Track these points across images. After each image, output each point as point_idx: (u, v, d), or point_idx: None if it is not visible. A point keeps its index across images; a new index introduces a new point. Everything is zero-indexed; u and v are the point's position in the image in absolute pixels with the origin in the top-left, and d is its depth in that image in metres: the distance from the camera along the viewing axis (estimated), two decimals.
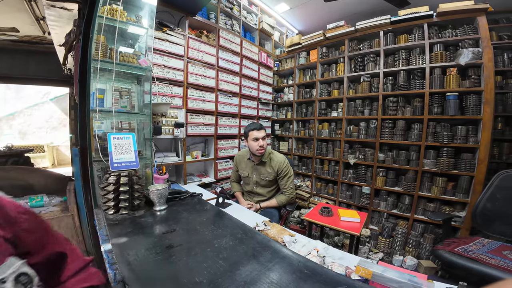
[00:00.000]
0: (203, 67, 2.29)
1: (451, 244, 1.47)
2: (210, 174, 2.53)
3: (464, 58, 2.06)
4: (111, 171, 1.13)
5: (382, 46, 2.56)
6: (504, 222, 1.56)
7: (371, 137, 2.62)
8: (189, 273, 0.72)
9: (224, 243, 0.91)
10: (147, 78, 1.50)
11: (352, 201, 2.75)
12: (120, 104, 1.47)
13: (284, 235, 1.06)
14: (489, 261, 1.25)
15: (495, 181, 1.65)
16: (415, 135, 2.33)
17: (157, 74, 1.87)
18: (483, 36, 2.03)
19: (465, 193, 2.09)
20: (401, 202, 2.43)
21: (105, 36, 1.32)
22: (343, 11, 3.05)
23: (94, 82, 1.23)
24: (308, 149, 3.25)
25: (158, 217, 1.16)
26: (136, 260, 0.78)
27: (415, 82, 2.35)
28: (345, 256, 0.95)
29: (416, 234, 2.28)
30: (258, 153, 1.78)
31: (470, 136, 2.10)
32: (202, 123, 2.28)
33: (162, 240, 0.93)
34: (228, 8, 2.61)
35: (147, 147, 1.49)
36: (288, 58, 3.54)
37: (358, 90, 2.76)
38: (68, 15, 2.02)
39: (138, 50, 1.51)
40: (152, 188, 1.19)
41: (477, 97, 2.06)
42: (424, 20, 2.31)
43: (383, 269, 0.69)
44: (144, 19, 1.48)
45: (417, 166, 2.31)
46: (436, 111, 2.22)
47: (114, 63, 1.27)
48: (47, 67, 3.90)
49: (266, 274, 0.73)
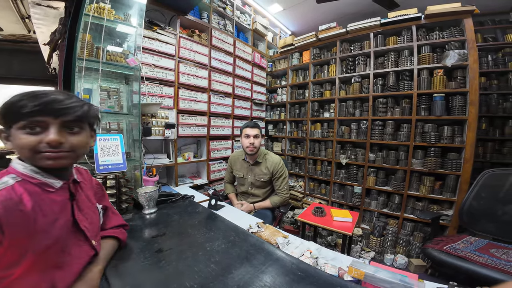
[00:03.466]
0: (195, 67, 2.25)
1: (440, 243, 1.50)
2: (202, 176, 2.49)
3: (450, 60, 2.13)
4: (97, 173, 1.09)
5: (372, 47, 2.60)
6: (490, 220, 1.61)
7: (362, 138, 2.66)
8: (180, 278, 0.70)
9: (216, 246, 0.89)
10: (136, 78, 1.46)
11: (344, 201, 2.78)
12: (107, 104, 1.43)
13: (278, 236, 1.05)
14: (477, 259, 1.27)
15: (480, 180, 1.69)
16: (404, 135, 2.38)
17: (147, 74, 1.82)
18: (468, 38, 2.10)
19: (452, 192, 2.15)
20: (391, 201, 2.48)
21: (92, 34, 1.28)
22: (335, 13, 3.08)
23: (79, 82, 1.19)
24: (301, 150, 3.27)
25: (147, 220, 1.13)
26: (124, 266, 0.75)
27: (404, 83, 2.40)
28: (338, 256, 0.95)
29: (406, 232, 2.33)
30: (248, 150, 1.77)
31: (456, 136, 2.16)
32: (194, 124, 2.25)
33: (151, 244, 0.90)
34: (221, 8, 2.59)
35: (136, 148, 1.45)
36: (281, 59, 3.55)
37: (349, 91, 2.80)
38: (54, 14, 1.96)
39: (126, 49, 1.47)
40: (141, 191, 1.16)
41: (462, 98, 2.12)
42: (413, 22, 2.37)
43: (375, 269, 0.69)
44: (133, 18, 1.45)
45: (406, 165, 2.36)
46: (424, 112, 2.28)
47: (100, 62, 1.23)
48: (31, 67, 3.76)
49: (259, 277, 0.72)
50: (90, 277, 0.64)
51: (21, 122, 0.53)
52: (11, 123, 0.55)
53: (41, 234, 0.54)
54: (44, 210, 0.56)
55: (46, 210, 0.56)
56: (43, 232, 0.54)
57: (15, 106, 0.52)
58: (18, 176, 0.56)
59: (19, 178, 0.55)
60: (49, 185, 0.60)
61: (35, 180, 0.57)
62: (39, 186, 0.58)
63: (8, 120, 0.55)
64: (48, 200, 0.58)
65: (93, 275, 0.65)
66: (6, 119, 0.55)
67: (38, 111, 0.53)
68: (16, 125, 0.54)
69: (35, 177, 0.58)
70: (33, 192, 0.55)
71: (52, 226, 0.57)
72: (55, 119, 0.56)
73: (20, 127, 0.53)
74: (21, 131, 0.54)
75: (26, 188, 0.54)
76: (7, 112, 0.54)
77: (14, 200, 0.50)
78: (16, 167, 0.58)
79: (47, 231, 0.55)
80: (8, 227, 0.48)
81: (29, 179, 0.56)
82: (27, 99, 0.52)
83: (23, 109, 0.52)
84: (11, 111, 0.53)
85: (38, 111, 0.53)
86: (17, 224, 0.50)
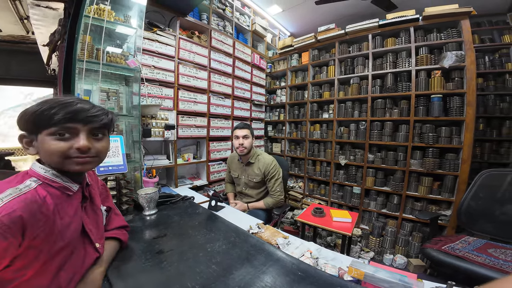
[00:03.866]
0: (195, 68, 2.26)
1: (439, 243, 1.51)
2: (202, 177, 2.49)
3: (448, 61, 2.15)
4: (97, 175, 1.09)
5: (371, 49, 2.62)
6: (488, 220, 1.62)
7: (361, 138, 2.67)
8: (181, 279, 0.70)
9: (217, 247, 0.89)
10: (135, 79, 1.47)
11: (343, 201, 2.79)
12: (107, 106, 1.43)
13: (278, 237, 1.06)
14: (475, 259, 1.28)
15: (478, 180, 1.70)
16: (402, 136, 2.39)
17: (147, 75, 1.82)
18: (466, 39, 2.12)
19: (450, 192, 2.16)
20: (390, 202, 2.49)
21: (92, 36, 1.28)
22: (333, 14, 3.10)
23: (79, 83, 1.19)
24: (301, 151, 3.28)
25: (148, 222, 1.13)
26: (125, 267, 0.76)
27: (402, 84, 2.42)
28: (338, 256, 0.95)
29: (405, 232, 2.34)
30: (239, 151, 1.79)
31: (453, 136, 2.18)
32: (193, 125, 2.25)
33: (152, 245, 0.90)
34: (221, 9, 2.60)
35: (136, 150, 1.45)
36: (281, 60, 3.56)
37: (348, 92, 2.82)
38: (53, 15, 1.95)
39: (126, 51, 1.48)
40: (141, 192, 1.16)
41: (460, 99, 2.14)
42: (411, 23, 2.39)
43: (375, 269, 0.70)
44: (133, 19, 1.45)
45: (405, 166, 2.38)
46: (422, 113, 2.30)
47: (100, 64, 1.23)
48: (30, 67, 3.74)
49: (260, 277, 0.72)
50: (92, 279, 0.64)
51: (52, 129, 0.56)
52: (39, 130, 0.56)
53: (57, 236, 0.55)
54: (61, 213, 0.58)
55: (63, 213, 0.59)
56: (59, 235, 0.56)
57: (46, 114, 0.55)
58: (40, 179, 0.57)
59: (40, 181, 0.57)
60: (68, 189, 0.62)
61: (56, 184, 0.60)
62: (59, 189, 0.60)
63: (38, 126, 0.56)
64: (65, 204, 0.60)
65: (95, 277, 0.66)
66: (35, 125, 0.56)
67: (70, 119, 0.57)
68: (46, 131, 0.56)
69: (56, 181, 0.60)
70: (54, 195, 0.58)
71: (67, 229, 0.59)
72: (84, 126, 0.60)
73: (50, 133, 0.56)
74: (51, 137, 0.57)
75: (48, 191, 0.57)
76: (39, 119, 0.55)
77: (39, 202, 0.52)
78: (37, 170, 0.59)
79: (62, 233, 0.57)
80: (30, 230, 0.49)
81: (50, 183, 0.59)
82: (58, 107, 0.56)
83: (55, 116, 0.55)
84: (43, 118, 0.55)
85: (70, 118, 0.57)
86: (39, 227, 0.51)
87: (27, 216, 0.48)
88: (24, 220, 0.48)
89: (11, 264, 0.47)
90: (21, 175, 0.58)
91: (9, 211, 0.46)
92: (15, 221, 0.46)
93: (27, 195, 0.51)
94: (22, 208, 0.48)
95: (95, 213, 0.74)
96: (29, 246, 0.49)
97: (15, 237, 0.46)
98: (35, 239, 0.50)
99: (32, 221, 0.49)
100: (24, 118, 0.56)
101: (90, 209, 0.72)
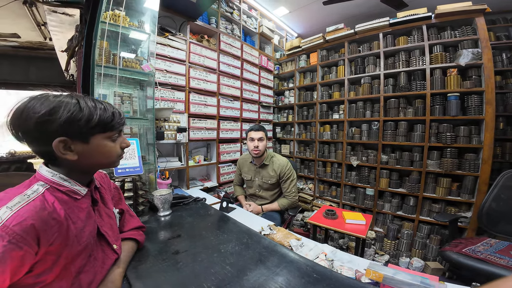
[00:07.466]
0: (205, 71, 2.29)
1: (459, 245, 1.45)
2: (212, 179, 2.51)
3: (464, 59, 2.07)
4: (115, 176, 1.12)
5: (382, 48, 2.57)
6: (510, 222, 1.55)
7: (373, 139, 2.61)
8: (197, 279, 0.71)
9: (230, 248, 0.90)
10: (149, 83, 1.50)
11: (356, 203, 2.73)
12: (123, 110, 1.47)
13: (291, 239, 1.05)
14: (498, 261, 1.23)
15: (500, 181, 1.64)
16: (418, 136, 2.32)
17: (159, 79, 1.87)
18: (481, 37, 2.04)
19: (470, 193, 2.07)
20: (406, 204, 2.41)
21: (108, 41, 1.33)
22: (342, 14, 3.07)
23: (98, 88, 1.24)
24: (310, 152, 3.24)
25: (163, 222, 1.15)
26: (143, 268, 0.77)
27: (416, 83, 2.35)
28: (354, 259, 0.93)
29: (422, 235, 2.25)
30: (253, 154, 1.78)
31: (473, 136, 2.09)
32: (204, 128, 2.28)
33: (168, 246, 0.92)
34: (228, 13, 2.63)
35: (150, 152, 1.48)
36: (288, 61, 3.56)
37: (359, 92, 2.77)
38: (69, 21, 2.02)
39: (140, 55, 1.52)
40: (157, 194, 1.18)
41: (478, 98, 2.06)
42: (423, 21, 2.33)
43: (394, 271, 0.68)
44: (146, 25, 1.50)
45: (421, 167, 2.30)
46: (438, 112, 2.22)
47: (117, 69, 1.28)
48: (48, 73, 3.91)
49: (274, 279, 0.72)
50: (111, 279, 0.66)
51: (111, 132, 0.63)
52: (93, 134, 0.59)
53: (73, 241, 0.56)
54: (72, 217, 0.57)
55: (75, 218, 0.58)
56: (75, 239, 0.56)
57: (108, 119, 0.61)
58: (47, 183, 0.56)
59: (48, 186, 0.56)
60: (76, 193, 0.61)
61: (63, 188, 0.59)
62: (67, 193, 0.59)
63: (97, 130, 0.60)
64: (75, 208, 0.60)
65: (115, 277, 0.67)
66: (95, 129, 0.59)
67: (122, 124, 0.67)
68: (104, 135, 0.62)
69: (64, 184, 0.59)
70: (63, 200, 0.57)
71: (82, 233, 0.59)
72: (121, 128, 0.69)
73: (108, 137, 0.63)
74: (108, 140, 0.64)
75: (56, 196, 0.56)
76: (104, 124, 0.60)
77: (48, 210, 0.51)
78: (44, 174, 0.58)
79: (78, 238, 0.57)
80: (45, 237, 0.49)
81: (57, 187, 0.58)
82: (111, 114, 0.62)
83: (113, 121, 0.63)
84: (105, 123, 0.60)
85: (122, 123, 0.67)
86: (53, 234, 0.51)
87: (39, 224, 0.48)
88: (36, 228, 0.47)
89: (32, 270, 0.48)
90: (29, 180, 0.58)
91: (20, 220, 0.45)
92: (28, 231, 0.46)
93: (36, 202, 0.50)
94: (33, 216, 0.47)
95: (108, 216, 0.75)
96: (47, 253, 0.50)
97: (30, 245, 0.46)
98: (51, 246, 0.50)
99: (45, 228, 0.49)
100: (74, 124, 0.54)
101: (103, 211, 0.73)
